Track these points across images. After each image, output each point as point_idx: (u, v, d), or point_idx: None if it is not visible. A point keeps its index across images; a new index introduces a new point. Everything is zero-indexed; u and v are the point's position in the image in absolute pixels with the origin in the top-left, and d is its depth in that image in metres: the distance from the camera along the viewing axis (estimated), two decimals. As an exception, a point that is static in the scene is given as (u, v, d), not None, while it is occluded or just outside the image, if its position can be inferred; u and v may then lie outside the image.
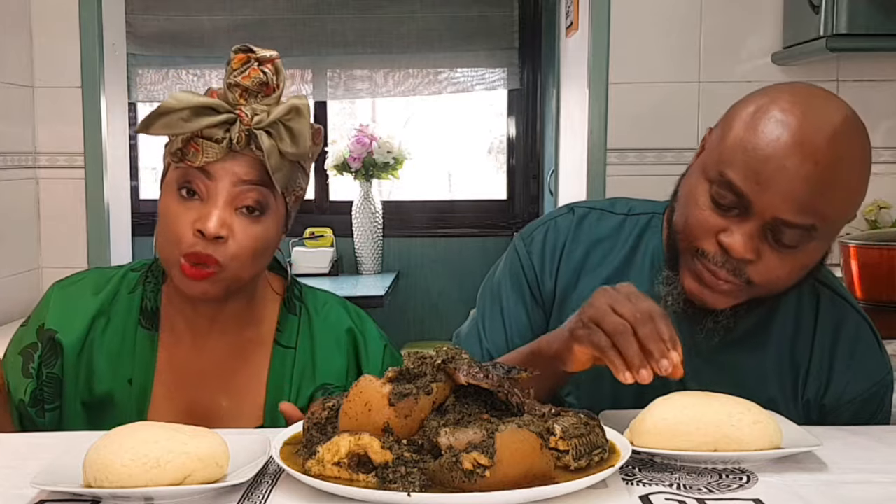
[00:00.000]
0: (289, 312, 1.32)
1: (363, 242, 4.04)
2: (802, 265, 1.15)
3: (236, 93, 1.18)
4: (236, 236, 1.17)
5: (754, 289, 1.15)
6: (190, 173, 1.18)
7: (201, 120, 1.15)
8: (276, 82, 1.19)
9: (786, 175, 1.08)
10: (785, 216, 1.10)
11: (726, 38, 2.66)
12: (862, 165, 1.14)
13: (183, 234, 1.17)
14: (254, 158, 1.18)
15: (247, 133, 1.16)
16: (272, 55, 1.20)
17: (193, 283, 1.18)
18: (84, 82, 2.79)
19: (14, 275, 2.71)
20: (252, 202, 1.18)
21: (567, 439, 0.91)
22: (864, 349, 1.28)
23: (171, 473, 0.88)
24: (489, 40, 4.15)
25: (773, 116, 1.11)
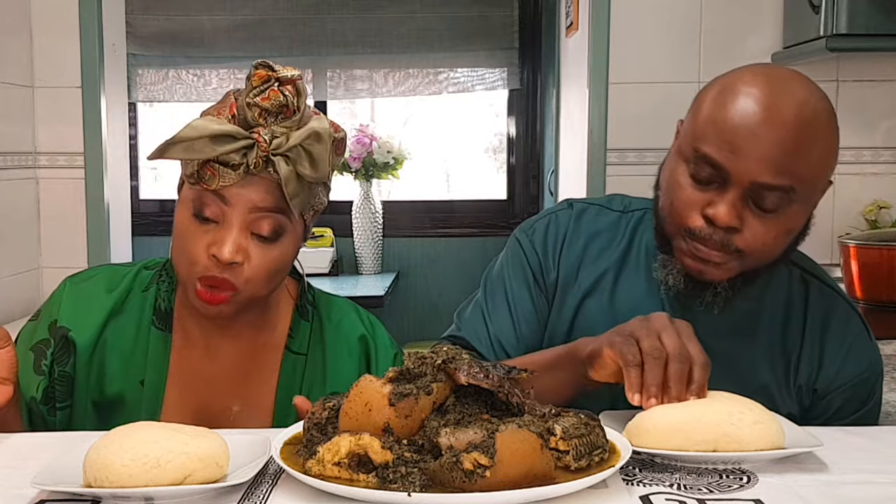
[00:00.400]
0: (301, 318, 1.32)
1: (363, 242, 4.04)
2: (787, 230, 1.19)
3: (255, 112, 1.15)
4: (252, 261, 1.17)
5: (745, 258, 1.18)
6: (205, 196, 1.16)
7: (218, 147, 1.13)
8: (297, 105, 1.17)
9: (758, 140, 1.13)
10: (762, 179, 1.13)
11: (726, 38, 2.66)
12: (830, 130, 1.17)
13: (198, 257, 1.16)
14: (270, 182, 1.15)
15: (264, 158, 1.14)
16: (294, 76, 1.17)
17: (208, 307, 1.18)
18: (84, 82, 2.79)
19: (14, 275, 2.71)
20: (267, 230, 1.17)
21: (567, 439, 0.91)
22: (855, 336, 1.31)
23: (172, 473, 0.88)
24: (489, 40, 4.15)
25: (739, 90, 1.16)
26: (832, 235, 2.58)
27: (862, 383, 1.29)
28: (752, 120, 1.13)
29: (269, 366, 1.29)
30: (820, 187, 1.21)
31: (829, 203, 2.69)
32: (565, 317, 1.34)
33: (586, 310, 1.33)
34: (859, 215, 2.64)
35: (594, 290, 1.33)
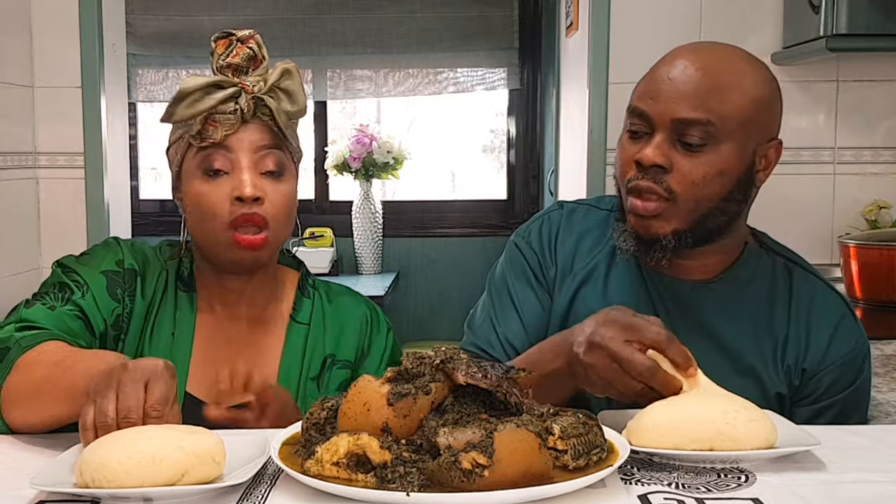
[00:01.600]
0: (304, 296, 1.42)
1: (363, 242, 4.04)
2: (717, 170, 1.24)
3: (228, 73, 1.28)
4: (269, 196, 1.28)
5: (679, 201, 1.24)
6: (210, 155, 1.27)
7: (213, 97, 1.25)
8: (262, 54, 1.30)
9: (673, 83, 1.24)
10: (679, 115, 1.22)
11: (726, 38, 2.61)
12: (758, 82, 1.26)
13: (220, 207, 1.27)
14: (262, 125, 1.29)
15: (253, 101, 1.27)
16: (251, 32, 1.30)
17: (247, 252, 1.27)
18: (84, 82, 2.79)
19: (14, 275, 2.71)
20: (273, 165, 1.29)
21: (565, 439, 0.91)
22: (840, 317, 1.34)
23: (168, 470, 0.88)
24: (489, 40, 4.15)
25: (669, 54, 1.29)
26: (832, 235, 2.58)
27: (850, 362, 1.32)
28: (670, 69, 1.26)
29: (276, 335, 1.38)
30: (750, 133, 1.25)
31: (829, 203, 2.69)
32: (562, 304, 1.39)
33: (582, 298, 1.38)
34: (859, 215, 2.64)
35: (588, 281, 1.39)
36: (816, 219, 2.68)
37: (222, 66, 1.28)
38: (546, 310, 1.40)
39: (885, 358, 1.78)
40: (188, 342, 1.33)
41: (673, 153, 1.23)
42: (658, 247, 1.27)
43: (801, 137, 2.68)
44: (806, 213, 2.67)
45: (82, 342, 1.24)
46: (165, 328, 1.34)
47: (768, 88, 1.28)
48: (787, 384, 1.32)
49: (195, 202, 1.29)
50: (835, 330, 1.32)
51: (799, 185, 2.67)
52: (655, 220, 1.26)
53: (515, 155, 4.30)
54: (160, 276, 1.36)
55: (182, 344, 1.33)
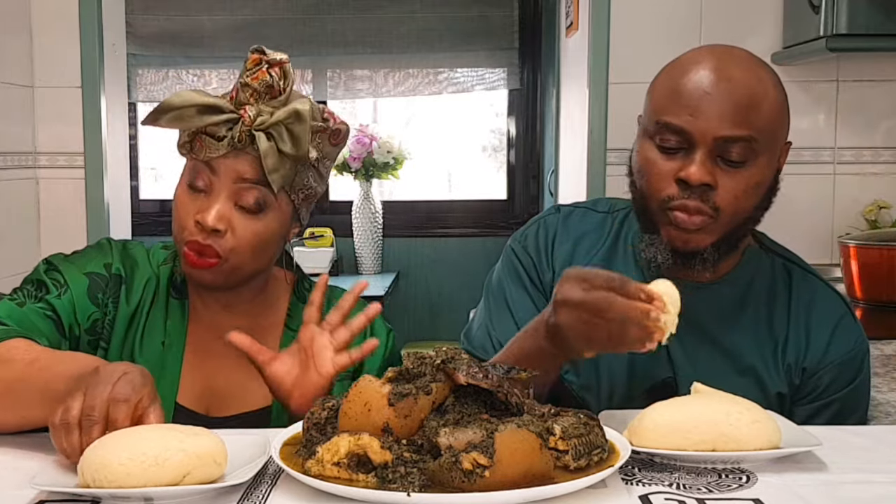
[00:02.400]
0: (299, 301, 1.38)
1: (363, 242, 4.04)
2: (756, 182, 1.25)
3: (247, 92, 1.24)
4: (236, 231, 1.24)
5: (722, 217, 1.24)
6: (197, 168, 1.25)
7: (205, 118, 1.22)
8: (283, 86, 1.25)
9: (712, 99, 1.22)
10: (723, 132, 1.21)
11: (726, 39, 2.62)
12: (776, 88, 1.27)
13: (186, 223, 1.25)
14: (255, 158, 1.24)
15: (248, 133, 1.23)
16: (281, 59, 1.25)
17: (195, 271, 1.25)
18: (84, 82, 2.79)
19: (14, 275, 2.71)
20: (252, 201, 1.24)
21: (566, 439, 0.91)
22: (840, 316, 1.35)
23: (170, 471, 0.88)
24: (489, 40, 4.15)
25: (687, 63, 1.26)
26: (832, 235, 2.58)
27: (849, 361, 1.33)
28: (705, 82, 1.22)
29: (270, 343, 1.33)
30: (779, 141, 1.28)
31: (829, 203, 2.69)
32: None
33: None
34: (859, 215, 2.64)
35: None
36: (816, 219, 2.68)
37: (243, 83, 1.24)
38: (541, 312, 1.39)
39: (885, 358, 1.78)
40: (179, 353, 1.31)
41: (715, 170, 1.22)
42: (699, 259, 1.27)
43: (801, 137, 2.68)
44: (806, 213, 2.67)
45: (45, 341, 1.21)
46: (155, 337, 1.31)
47: (784, 91, 1.29)
48: (788, 383, 1.32)
49: (175, 207, 1.28)
50: (834, 329, 1.33)
51: (799, 185, 2.67)
52: (696, 234, 1.25)
53: (515, 155, 4.30)
54: (149, 283, 1.33)
55: (173, 354, 1.31)
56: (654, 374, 1.34)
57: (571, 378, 1.36)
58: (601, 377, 1.35)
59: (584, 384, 1.35)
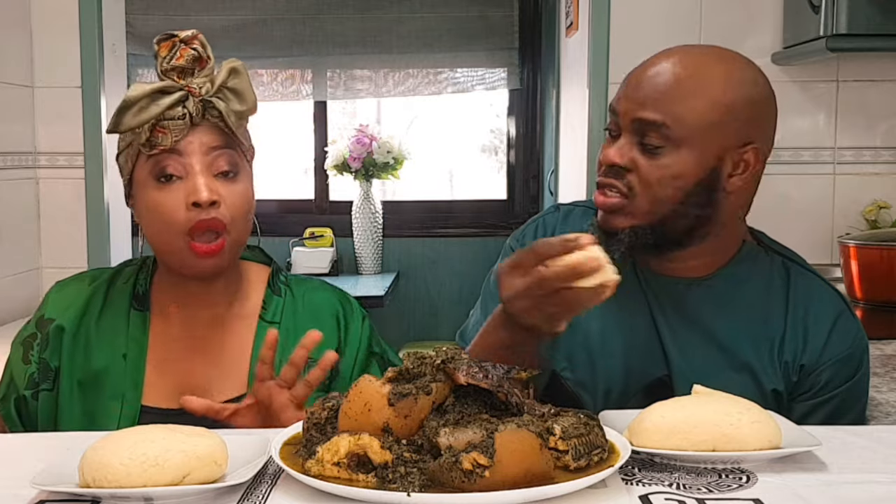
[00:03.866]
0: (274, 294, 1.38)
1: (363, 242, 4.04)
2: (672, 173, 1.25)
3: (172, 76, 1.26)
4: (226, 199, 1.25)
5: (637, 199, 1.26)
6: (161, 161, 1.24)
7: (160, 103, 1.23)
8: (207, 54, 1.28)
9: (639, 84, 1.27)
10: (638, 113, 1.25)
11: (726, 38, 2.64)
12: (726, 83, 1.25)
13: (177, 213, 1.23)
14: (211, 126, 1.26)
15: (201, 104, 1.25)
16: (194, 32, 1.28)
17: (204, 261, 1.25)
18: (84, 82, 2.79)
19: (14, 275, 2.71)
20: (226, 165, 1.26)
21: (566, 439, 0.91)
22: (838, 313, 1.35)
23: (170, 472, 0.88)
24: (489, 40, 4.15)
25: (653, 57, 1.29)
26: (832, 235, 2.58)
27: (848, 357, 1.33)
28: (641, 73, 1.28)
29: (243, 335, 1.34)
30: (713, 139, 1.25)
31: (829, 203, 2.69)
32: None
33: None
34: (859, 215, 2.64)
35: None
36: (816, 219, 2.68)
37: (167, 69, 1.25)
38: None
39: (885, 358, 1.78)
40: (141, 359, 1.31)
41: (635, 153, 1.26)
42: (615, 240, 1.29)
43: (801, 137, 2.68)
44: (806, 213, 2.67)
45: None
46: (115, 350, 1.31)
47: (741, 94, 1.25)
48: (785, 380, 1.32)
49: (150, 210, 1.26)
50: (833, 326, 1.33)
51: (799, 185, 2.68)
52: (614, 214, 1.28)
53: (515, 155, 4.30)
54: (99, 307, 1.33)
55: (133, 363, 1.30)
56: (649, 370, 1.34)
57: (567, 375, 1.37)
58: (597, 374, 1.35)
59: (579, 382, 1.36)
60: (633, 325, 1.35)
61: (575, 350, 1.37)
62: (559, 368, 1.38)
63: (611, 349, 1.35)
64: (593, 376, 1.35)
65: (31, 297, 2.77)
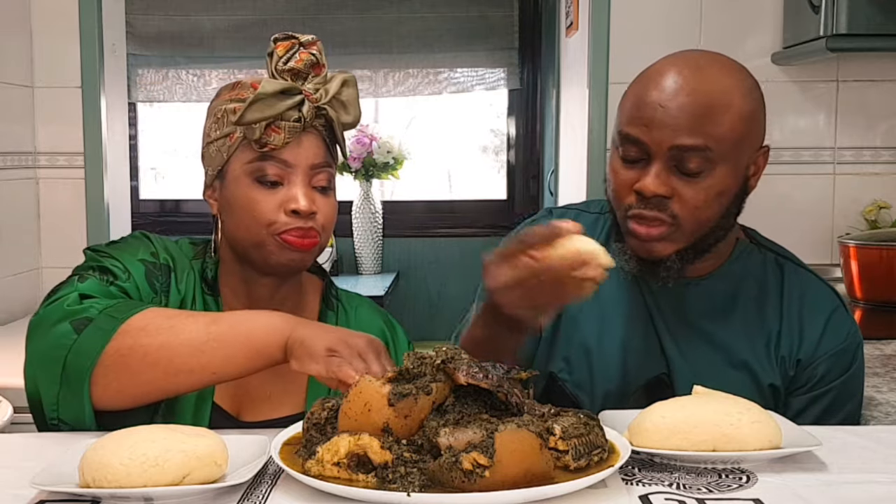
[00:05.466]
0: (328, 309, 1.40)
1: (363, 242, 4.04)
2: (716, 192, 1.25)
3: (287, 77, 1.27)
4: (321, 210, 1.28)
5: (681, 225, 1.25)
6: (266, 165, 1.26)
7: (282, 103, 1.25)
8: (323, 61, 1.30)
9: (666, 111, 1.23)
10: (677, 142, 1.22)
11: (726, 38, 2.66)
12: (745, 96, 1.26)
13: (273, 216, 1.25)
14: (317, 137, 1.29)
15: (315, 110, 1.27)
16: (314, 38, 1.30)
17: (297, 253, 1.26)
18: (84, 82, 2.78)
19: (14, 275, 2.71)
20: (325, 182, 1.29)
21: (566, 439, 0.91)
22: (832, 309, 1.36)
23: (170, 472, 0.88)
24: (489, 40, 4.15)
25: (653, 72, 1.28)
26: (832, 235, 2.58)
27: (843, 351, 1.34)
28: (662, 94, 1.24)
29: None
30: (744, 149, 1.26)
31: (829, 203, 2.69)
32: None
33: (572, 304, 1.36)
34: (859, 215, 2.64)
35: None
36: (816, 219, 2.67)
37: (282, 69, 1.27)
38: None
39: (885, 358, 1.78)
40: None
41: (673, 180, 1.24)
42: (663, 267, 1.29)
43: (801, 137, 2.68)
44: (806, 213, 2.67)
45: None
46: None
47: (754, 100, 1.27)
48: (781, 375, 1.33)
49: (243, 207, 1.26)
50: (827, 321, 1.34)
51: (799, 185, 2.67)
52: (657, 243, 1.27)
53: (515, 155, 4.30)
54: (188, 275, 1.32)
55: None
56: (648, 370, 1.34)
57: (565, 376, 1.37)
58: (595, 375, 1.36)
59: (577, 383, 1.36)
60: (631, 326, 1.36)
61: (572, 351, 1.37)
62: (557, 370, 1.38)
63: (608, 349, 1.36)
64: (591, 377, 1.36)
65: (31, 298, 2.76)
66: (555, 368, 1.38)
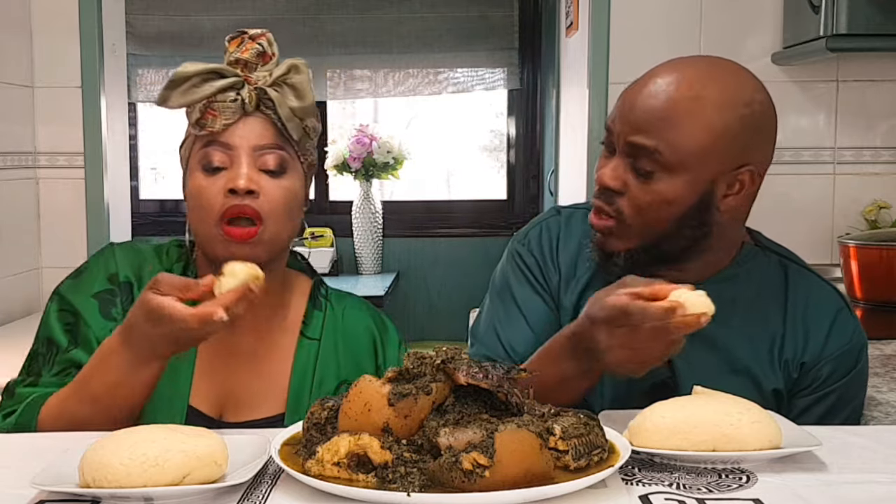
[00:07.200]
0: (315, 308, 1.37)
1: (363, 242, 4.04)
2: (665, 198, 1.24)
3: (238, 68, 1.27)
4: (266, 193, 1.24)
5: (629, 223, 1.26)
6: (210, 151, 1.25)
7: (213, 84, 1.24)
8: (272, 51, 1.29)
9: (634, 107, 1.25)
10: (631, 137, 1.23)
11: (726, 38, 2.66)
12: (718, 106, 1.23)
13: (215, 199, 1.24)
14: (265, 120, 1.26)
15: (256, 93, 1.25)
16: (263, 31, 1.29)
17: (238, 247, 1.23)
18: (84, 82, 2.79)
19: (14, 275, 2.71)
20: (273, 164, 1.26)
21: (566, 439, 0.91)
22: (837, 310, 1.35)
23: (170, 472, 0.88)
24: (489, 40, 4.15)
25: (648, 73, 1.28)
26: (832, 235, 2.58)
27: (847, 353, 1.33)
28: (638, 93, 1.25)
29: (284, 349, 1.34)
30: (709, 164, 1.23)
31: (829, 203, 2.69)
32: (567, 308, 1.39)
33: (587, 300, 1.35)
34: (859, 215, 2.64)
35: (591, 283, 1.38)
36: (816, 219, 2.68)
37: (231, 61, 1.27)
38: (553, 314, 1.40)
39: (885, 358, 1.78)
40: (191, 355, 1.28)
41: (628, 176, 1.25)
42: (611, 263, 1.30)
43: (801, 137, 2.68)
44: (806, 213, 2.67)
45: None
46: None
47: (737, 116, 1.22)
48: (785, 379, 1.33)
49: (193, 197, 1.27)
50: (832, 323, 1.34)
51: (799, 185, 2.68)
52: (609, 237, 1.28)
53: (515, 155, 4.30)
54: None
55: (185, 357, 1.26)
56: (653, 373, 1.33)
57: None
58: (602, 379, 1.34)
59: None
60: None
61: None
62: None
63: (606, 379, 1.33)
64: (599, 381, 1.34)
65: (31, 298, 2.77)
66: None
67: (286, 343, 1.34)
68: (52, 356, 1.27)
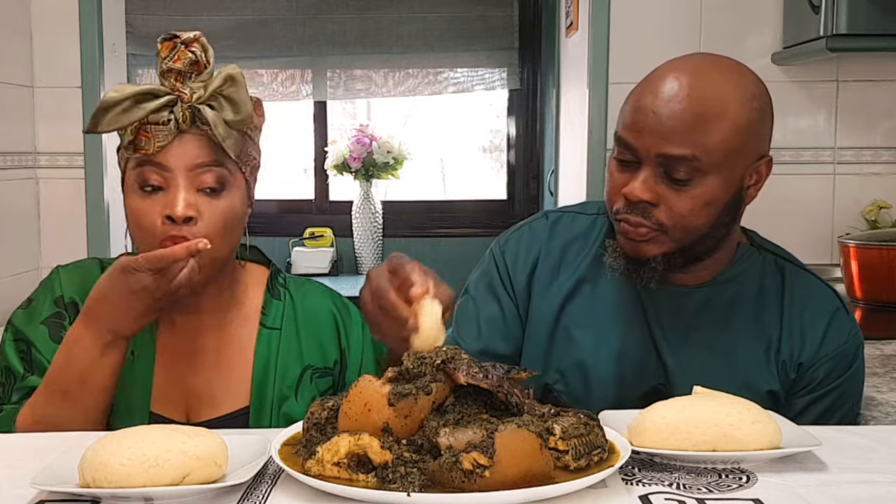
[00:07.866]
0: (273, 298, 1.36)
1: (363, 242, 4.04)
2: (704, 202, 1.24)
3: (171, 78, 1.22)
4: (204, 216, 1.20)
5: (669, 232, 1.25)
6: (146, 170, 1.21)
7: (144, 106, 1.19)
8: (206, 59, 1.23)
9: (657, 117, 1.22)
10: (664, 150, 1.21)
11: (726, 38, 2.66)
12: (744, 105, 1.23)
13: (153, 224, 1.20)
14: (202, 137, 1.21)
15: (190, 110, 1.20)
16: (196, 35, 1.24)
17: None
18: (84, 82, 2.78)
19: (14, 275, 2.71)
20: (212, 182, 1.22)
21: (566, 439, 0.91)
22: (833, 310, 1.35)
23: (170, 473, 0.88)
24: (489, 40, 4.15)
25: (654, 77, 1.27)
26: (832, 235, 2.58)
27: (844, 353, 1.34)
28: (654, 99, 1.23)
29: (243, 341, 1.33)
30: (738, 160, 1.24)
31: (829, 203, 2.69)
32: (546, 317, 1.40)
33: (569, 311, 1.39)
34: (859, 215, 2.64)
35: (576, 293, 1.39)
36: (816, 219, 2.67)
37: (164, 70, 1.22)
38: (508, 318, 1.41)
39: (885, 358, 1.78)
40: (150, 361, 1.29)
41: (660, 187, 1.24)
42: (647, 268, 1.28)
43: (801, 137, 2.68)
44: (806, 213, 2.67)
45: None
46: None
47: (754, 110, 1.24)
48: (781, 380, 1.33)
49: (133, 216, 1.23)
50: (829, 323, 1.34)
51: (799, 185, 2.67)
52: (644, 244, 1.27)
53: (515, 155, 4.30)
54: None
55: (143, 363, 1.28)
56: (645, 381, 1.34)
57: (560, 388, 1.37)
58: (591, 385, 1.35)
59: (572, 394, 1.35)
60: (627, 335, 1.35)
61: (566, 362, 1.37)
62: (552, 382, 1.37)
63: (604, 361, 1.35)
64: (587, 387, 1.35)
65: (31, 297, 2.76)
66: (550, 380, 1.37)
67: (246, 335, 1.33)
68: (11, 385, 1.28)
